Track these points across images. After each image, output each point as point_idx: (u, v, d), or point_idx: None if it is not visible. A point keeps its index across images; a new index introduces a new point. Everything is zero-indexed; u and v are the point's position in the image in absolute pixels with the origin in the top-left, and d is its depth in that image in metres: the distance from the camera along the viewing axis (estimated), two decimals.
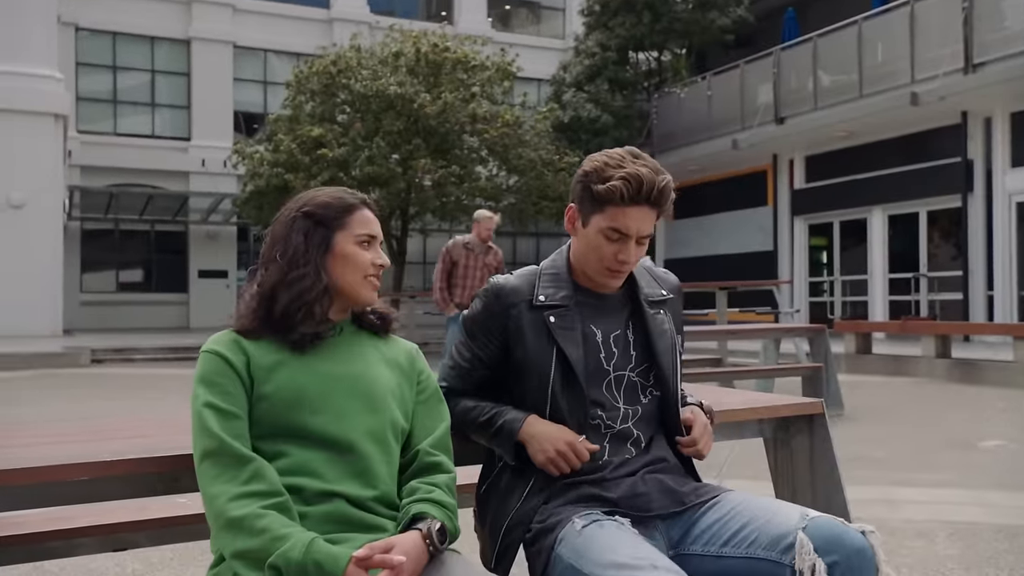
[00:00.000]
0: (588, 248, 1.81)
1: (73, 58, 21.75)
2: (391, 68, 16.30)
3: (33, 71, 16.46)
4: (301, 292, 1.60)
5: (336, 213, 1.67)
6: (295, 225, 1.66)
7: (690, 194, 20.48)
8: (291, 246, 1.63)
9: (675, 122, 19.87)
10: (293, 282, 1.61)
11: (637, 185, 1.74)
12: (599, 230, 1.78)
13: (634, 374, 1.84)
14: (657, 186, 1.75)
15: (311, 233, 1.65)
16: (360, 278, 1.67)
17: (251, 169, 16.50)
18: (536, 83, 24.15)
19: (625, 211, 1.75)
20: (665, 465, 1.80)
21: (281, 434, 1.54)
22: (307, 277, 1.61)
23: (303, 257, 1.63)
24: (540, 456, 1.75)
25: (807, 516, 1.58)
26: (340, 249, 1.66)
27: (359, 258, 1.67)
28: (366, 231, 1.69)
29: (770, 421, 2.35)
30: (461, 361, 1.87)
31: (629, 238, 1.77)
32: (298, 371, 1.58)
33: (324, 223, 1.66)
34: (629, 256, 1.78)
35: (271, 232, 1.69)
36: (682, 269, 19.99)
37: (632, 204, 1.75)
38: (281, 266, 1.62)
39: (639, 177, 1.74)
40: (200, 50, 22.89)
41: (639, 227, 1.77)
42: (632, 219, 1.76)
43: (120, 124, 22.55)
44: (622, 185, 1.73)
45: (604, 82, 20.70)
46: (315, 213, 1.66)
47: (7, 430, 1.84)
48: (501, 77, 17.37)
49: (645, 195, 1.75)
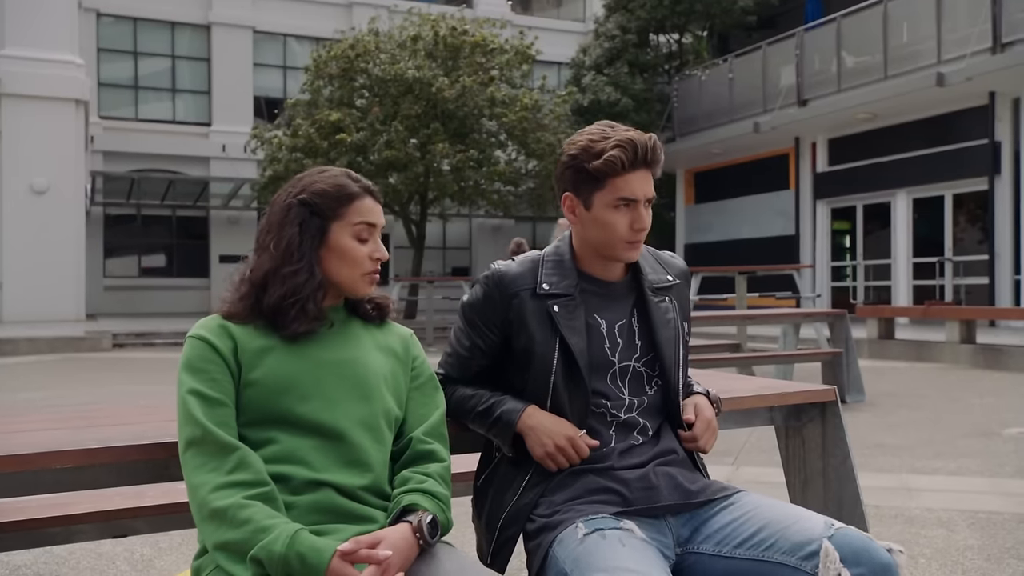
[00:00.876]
0: (600, 229, 1.75)
1: (95, 44, 21.87)
2: (409, 52, 16.23)
3: (54, 57, 16.55)
4: (294, 288, 1.54)
5: (333, 203, 1.59)
6: (290, 214, 1.58)
7: (711, 178, 20.31)
8: (285, 237, 1.57)
9: (696, 105, 19.66)
10: (286, 277, 1.55)
11: (633, 149, 1.70)
12: (606, 205, 1.73)
13: (639, 364, 1.78)
14: (650, 145, 1.72)
15: (306, 223, 1.58)
16: (357, 275, 1.61)
17: (270, 154, 16.53)
18: (556, 66, 24.00)
19: (627, 178, 1.71)
20: (675, 458, 1.75)
21: (269, 421, 1.50)
22: (300, 273, 1.55)
23: (297, 251, 1.56)
24: (538, 450, 1.70)
25: (833, 526, 1.52)
26: (335, 242, 1.59)
27: (355, 253, 1.60)
28: (364, 219, 1.61)
29: (781, 408, 2.28)
30: (460, 349, 1.82)
31: (638, 202, 1.73)
32: (287, 357, 1.53)
33: (320, 213, 1.59)
34: (644, 221, 1.73)
35: (267, 216, 1.62)
36: (702, 254, 19.87)
37: (632, 169, 1.71)
38: (274, 256, 1.56)
39: (632, 141, 1.70)
40: (220, 35, 22.93)
41: (644, 190, 1.73)
42: (636, 184, 1.72)
43: (141, 110, 22.67)
44: (620, 153, 1.69)
45: (624, 65, 20.52)
46: (311, 202, 1.59)
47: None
48: (520, 60, 17.26)
49: (642, 157, 1.71)
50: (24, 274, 16.11)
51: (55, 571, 3.13)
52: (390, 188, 16.14)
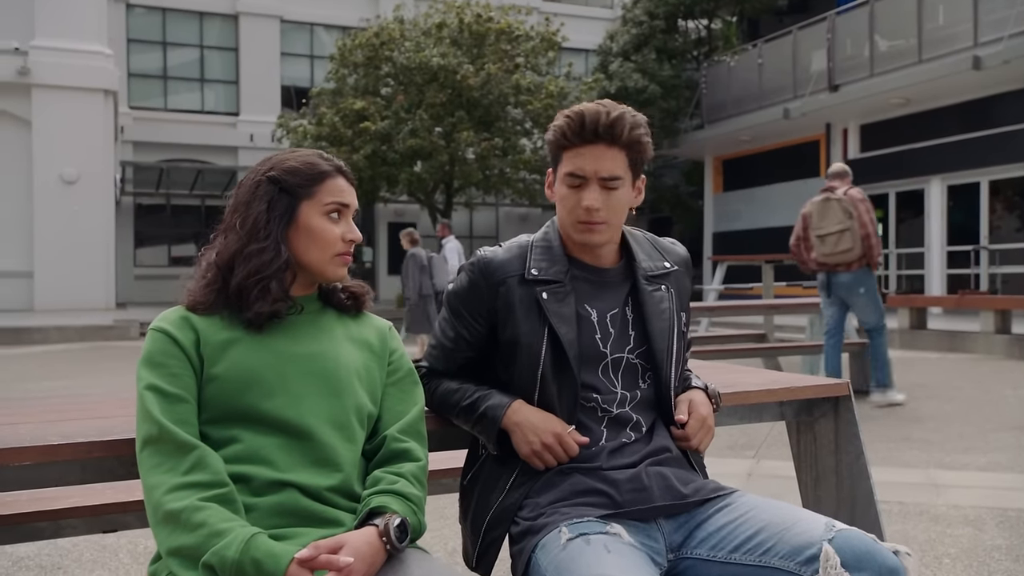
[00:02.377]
0: (559, 206, 1.68)
1: (124, 35, 22.04)
2: (434, 39, 16.15)
3: (82, 47, 16.69)
4: (259, 267, 1.46)
5: (304, 181, 1.52)
6: (258, 191, 1.51)
7: (739, 165, 20.03)
8: (251, 214, 1.49)
9: (725, 92, 19.37)
10: (251, 255, 1.47)
11: (579, 121, 1.61)
12: (560, 182, 1.67)
13: (633, 356, 1.68)
14: (603, 120, 1.60)
15: (274, 201, 1.51)
16: (327, 256, 1.53)
17: (295, 143, 16.55)
18: (583, 54, 23.79)
19: (578, 151, 1.63)
20: (668, 456, 1.64)
21: (232, 418, 1.42)
22: (266, 251, 1.47)
23: (264, 228, 1.48)
24: (524, 448, 1.60)
25: (834, 527, 1.42)
26: (305, 221, 1.52)
27: (326, 233, 1.52)
28: (335, 199, 1.53)
29: (791, 403, 2.17)
30: (444, 340, 1.73)
31: (587, 180, 1.63)
32: (252, 350, 1.45)
33: (289, 191, 1.51)
34: (593, 201, 1.62)
35: (235, 195, 1.54)
36: (730, 242, 19.62)
37: (583, 143, 1.62)
38: (240, 236, 1.49)
39: (581, 113, 1.62)
40: (248, 25, 23.01)
41: (595, 167, 1.62)
42: (585, 159, 1.62)
43: (171, 100, 22.83)
44: (564, 124, 1.62)
45: (652, 51, 20.25)
46: (280, 179, 1.51)
47: None
48: (546, 47, 17.12)
49: (591, 130, 1.61)
50: (55, 263, 16.30)
51: (58, 563, 3.10)
52: (415, 177, 16.09)
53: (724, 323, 12.56)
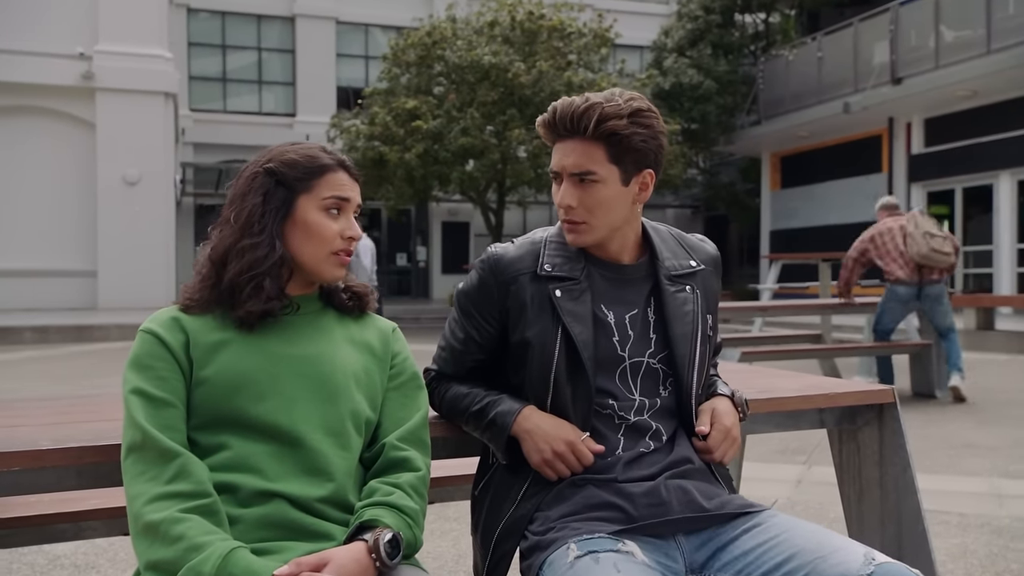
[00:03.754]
0: None
1: (185, 39, 22.50)
2: (486, 38, 16.10)
3: (144, 51, 17.05)
4: (252, 263, 1.40)
5: (302, 173, 1.45)
6: (255, 183, 1.44)
7: (798, 162, 19.59)
8: (246, 207, 1.43)
9: (783, 87, 18.94)
10: (244, 250, 1.41)
11: (552, 116, 1.53)
12: (552, 178, 1.59)
13: (654, 361, 1.57)
14: (573, 113, 1.50)
15: (270, 194, 1.44)
16: (324, 253, 1.45)
17: (348, 143, 16.67)
18: (638, 50, 23.52)
19: (556, 146, 1.56)
20: (690, 468, 1.53)
21: (221, 424, 1.35)
22: (260, 246, 1.41)
23: (258, 222, 1.42)
24: (535, 456, 1.51)
25: (873, 560, 1.30)
26: (301, 216, 1.44)
27: (324, 229, 1.45)
28: (334, 194, 1.46)
29: (832, 410, 2.04)
30: (454, 342, 1.65)
31: (560, 176, 1.56)
32: (243, 352, 1.39)
33: (286, 184, 1.44)
34: (563, 197, 1.54)
35: (232, 187, 1.49)
36: (788, 240, 19.20)
37: (558, 137, 1.54)
38: (234, 229, 1.43)
39: (554, 108, 1.53)
40: (304, 27, 23.31)
41: (563, 162, 1.54)
42: (558, 153, 1.55)
43: (230, 102, 23.24)
44: (543, 118, 1.55)
45: (707, 46, 19.92)
46: (278, 171, 1.45)
47: None
48: (598, 44, 16.93)
49: (562, 125, 1.52)
50: (118, 262, 16.70)
51: (93, 562, 3.11)
52: (467, 176, 16.07)
53: (779, 323, 12.25)
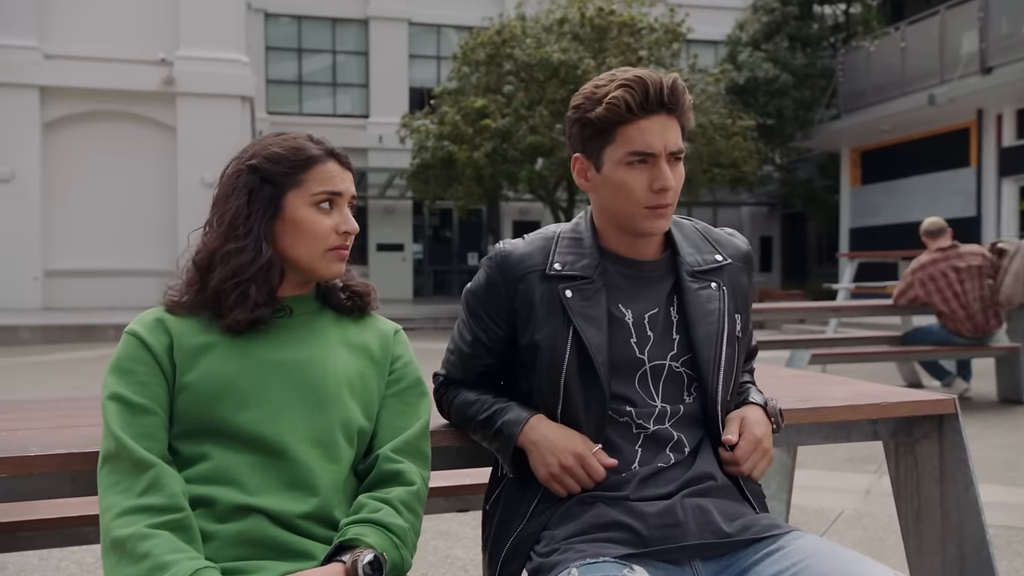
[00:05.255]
0: (613, 193, 1.44)
1: (263, 43, 23.00)
2: (555, 35, 15.99)
3: (222, 56, 17.48)
4: (236, 269, 1.33)
5: (289, 168, 1.37)
6: (238, 182, 1.37)
7: (880, 157, 18.89)
8: (230, 209, 1.36)
9: (864, 79, 18.27)
10: (229, 255, 1.34)
11: (642, 88, 1.38)
12: (617, 163, 1.42)
13: (677, 364, 1.45)
14: (665, 84, 1.39)
15: (256, 193, 1.36)
16: (319, 252, 1.38)
17: (417, 142, 16.77)
18: (712, 45, 23.05)
19: (640, 126, 1.39)
20: (712, 485, 1.40)
21: (203, 432, 1.28)
22: (245, 251, 1.33)
23: (243, 225, 1.34)
24: (541, 470, 1.40)
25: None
26: (291, 214, 1.37)
27: (316, 226, 1.37)
28: (325, 188, 1.38)
29: (886, 421, 1.87)
30: (462, 345, 1.55)
31: (657, 157, 1.40)
32: (228, 357, 1.32)
33: (273, 180, 1.36)
34: (666, 180, 1.40)
35: (216, 186, 1.41)
36: (869, 238, 18.52)
37: (644, 115, 1.39)
38: (219, 233, 1.36)
39: (642, 79, 1.39)
40: (378, 29, 23.58)
41: (664, 140, 1.40)
42: (652, 132, 1.39)
43: (305, 105, 23.67)
44: (625, 93, 1.38)
45: (784, 39, 19.38)
46: (262, 168, 1.37)
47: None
48: (670, 39, 16.63)
49: (656, 98, 1.39)
50: None
51: None
52: (535, 174, 15.98)
53: (857, 324, 11.80)
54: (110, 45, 16.84)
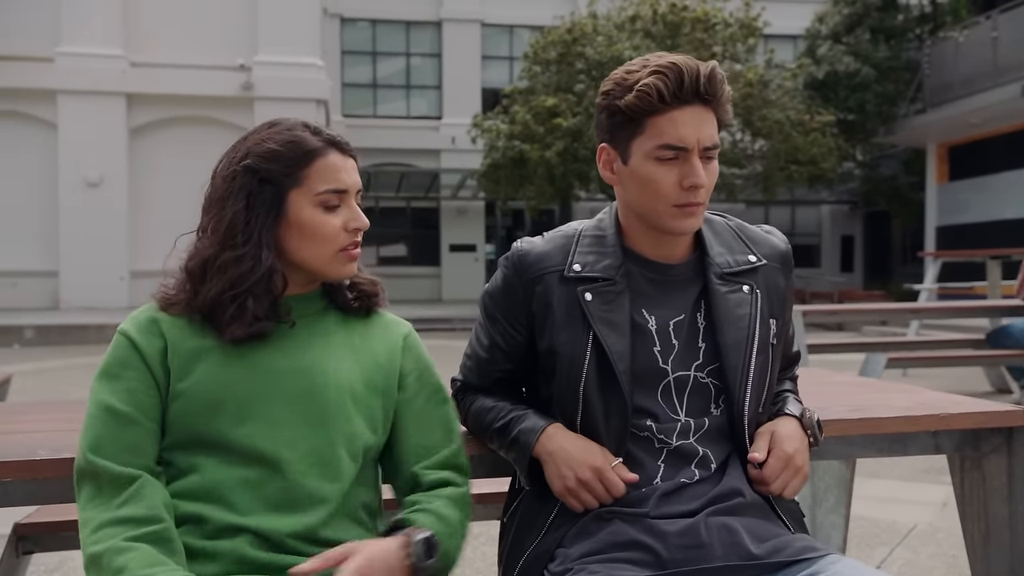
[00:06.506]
0: (640, 189, 1.33)
1: (339, 47, 23.39)
2: (627, 32, 15.81)
3: (298, 60, 17.83)
4: (233, 280, 1.24)
5: (288, 165, 1.27)
6: (234, 185, 1.26)
7: (969, 152, 18.11)
8: (226, 215, 1.25)
9: (951, 71, 17.52)
10: (226, 265, 1.24)
11: (677, 76, 1.27)
12: (646, 156, 1.31)
13: (702, 374, 1.34)
14: (702, 72, 1.28)
15: (255, 196, 1.26)
16: (329, 253, 1.29)
17: (489, 143, 16.80)
18: (790, 40, 22.46)
19: (671, 116, 1.28)
20: (740, 503, 1.28)
21: (197, 444, 1.22)
22: (243, 260, 1.24)
23: (242, 232, 1.24)
24: (557, 483, 1.32)
25: None
26: (295, 216, 1.27)
27: (324, 227, 1.28)
28: (330, 185, 1.28)
29: (949, 433, 1.72)
30: (479, 350, 1.46)
31: (689, 151, 1.29)
32: (224, 364, 1.24)
33: (272, 180, 1.26)
34: (698, 177, 1.29)
35: (210, 186, 1.31)
36: (956, 237, 17.76)
37: (677, 105, 1.28)
38: (212, 240, 1.26)
39: (676, 67, 1.27)
40: (451, 31, 23.74)
41: (698, 133, 1.29)
42: (685, 124, 1.28)
43: (379, 107, 23.98)
44: (657, 81, 1.27)
45: (866, 31, 18.72)
46: (259, 167, 1.26)
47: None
48: (745, 34, 16.27)
49: (691, 87, 1.27)
50: None
51: None
52: None
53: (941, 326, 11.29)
54: (192, 52, 17.35)
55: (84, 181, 16.93)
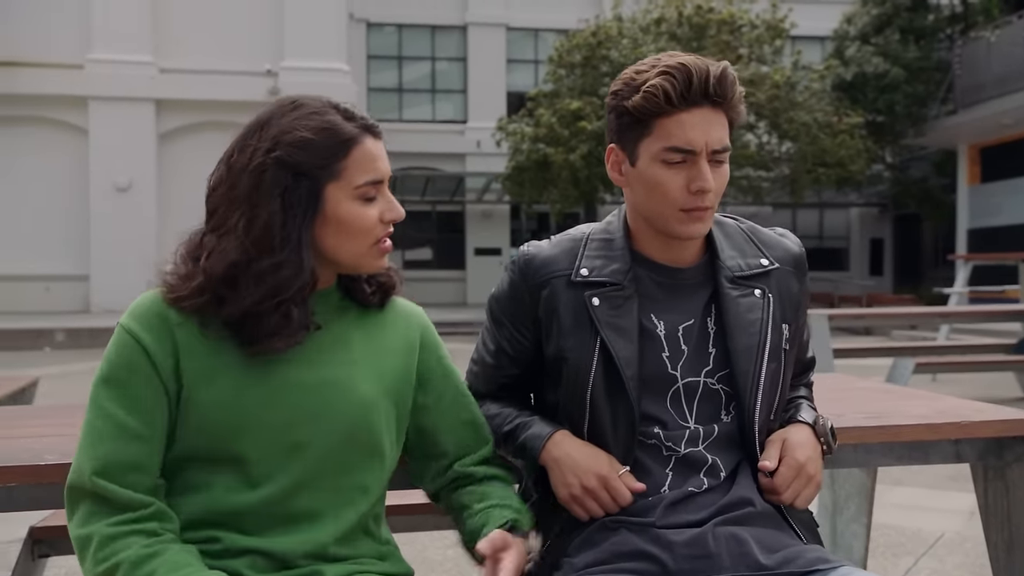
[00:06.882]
0: (647, 191, 1.30)
1: (364, 52, 23.52)
2: (652, 35, 15.75)
3: (324, 65, 17.96)
4: (275, 287, 1.12)
5: (324, 157, 1.14)
6: (265, 180, 1.13)
7: (1001, 153, 17.82)
8: (260, 216, 1.12)
9: (983, 71, 17.25)
10: (264, 273, 1.12)
11: (685, 77, 1.24)
12: (653, 158, 1.28)
13: (713, 380, 1.32)
14: (712, 73, 1.24)
15: (291, 192, 1.13)
16: (366, 247, 1.20)
17: (513, 146, 16.81)
18: (818, 41, 22.26)
19: (679, 119, 1.25)
20: (750, 512, 1.25)
21: (212, 461, 1.14)
22: (286, 266, 1.12)
23: (280, 233, 1.12)
24: (562, 491, 1.29)
25: None
26: (333, 211, 1.16)
27: (363, 222, 1.17)
28: (370, 176, 1.17)
29: (972, 442, 1.68)
30: (485, 355, 1.44)
31: (697, 155, 1.26)
32: (246, 376, 1.14)
33: (308, 173, 1.14)
34: (705, 181, 1.26)
35: (224, 180, 1.17)
36: (990, 240, 17.48)
37: (685, 107, 1.24)
38: (244, 243, 1.13)
39: (685, 67, 1.24)
40: (476, 35, 23.79)
41: (707, 136, 1.25)
42: (693, 128, 1.25)
43: (405, 112, 24.08)
44: (664, 82, 1.24)
45: (895, 32, 18.49)
46: (292, 160, 1.13)
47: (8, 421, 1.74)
48: (772, 36, 16.15)
49: (700, 88, 1.24)
50: None
51: None
52: None
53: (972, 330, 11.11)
54: (219, 58, 17.53)
55: (114, 186, 17.17)
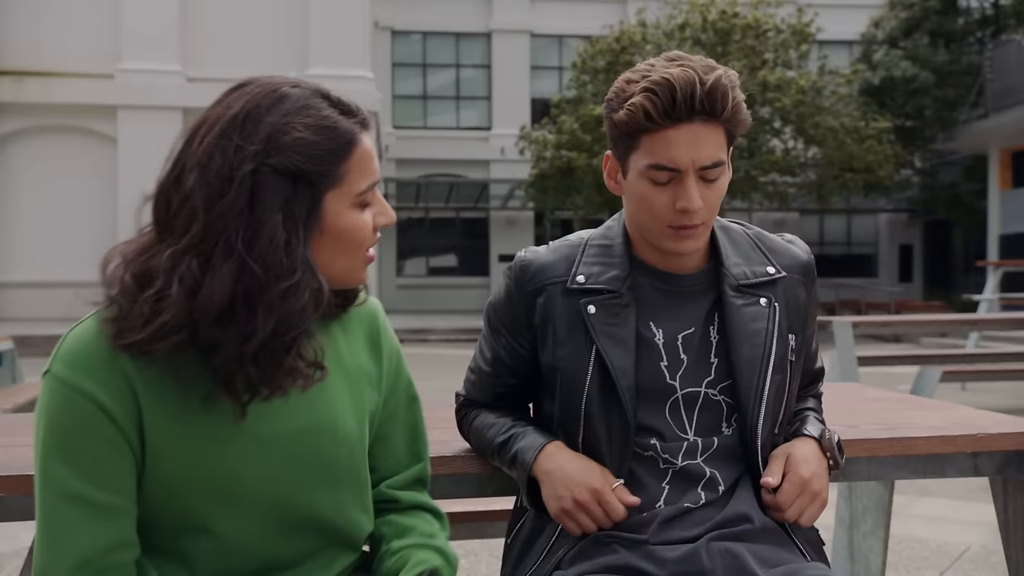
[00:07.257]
0: (636, 205, 1.26)
1: (389, 60, 23.64)
2: (676, 40, 15.69)
3: (347, 73, 18.05)
4: (288, 319, 0.95)
5: (325, 160, 0.99)
6: (263, 188, 0.95)
7: None
8: (264, 229, 0.94)
9: (1015, 74, 16.97)
10: (273, 300, 0.94)
11: (668, 93, 1.16)
12: (640, 174, 1.22)
13: (714, 392, 1.27)
14: (699, 88, 1.16)
15: (293, 202, 0.96)
16: (361, 259, 1.06)
17: (536, 154, 16.81)
18: (846, 45, 22.05)
19: (664, 135, 1.18)
20: (748, 529, 1.20)
21: (185, 530, 1.02)
22: (298, 290, 0.95)
23: (285, 251, 0.95)
24: (553, 504, 1.25)
25: None
26: (332, 222, 1.01)
27: (361, 231, 1.03)
28: (369, 180, 1.03)
29: (989, 455, 1.62)
30: (482, 363, 1.41)
31: (682, 173, 1.20)
32: (218, 430, 0.99)
33: (309, 179, 0.98)
34: (691, 201, 1.19)
35: (198, 180, 0.96)
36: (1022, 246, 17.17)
37: (670, 123, 1.17)
38: (249, 266, 0.93)
39: (668, 82, 1.16)
40: (500, 42, 23.84)
41: (693, 154, 1.18)
42: (678, 145, 1.18)
43: (429, 119, 24.17)
44: (644, 100, 1.17)
45: (924, 36, 18.30)
46: (292, 167, 0.97)
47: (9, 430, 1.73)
48: (797, 41, 16.02)
49: (685, 104, 1.16)
50: None
51: None
52: None
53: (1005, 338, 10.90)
54: (245, 67, 17.51)
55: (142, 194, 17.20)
